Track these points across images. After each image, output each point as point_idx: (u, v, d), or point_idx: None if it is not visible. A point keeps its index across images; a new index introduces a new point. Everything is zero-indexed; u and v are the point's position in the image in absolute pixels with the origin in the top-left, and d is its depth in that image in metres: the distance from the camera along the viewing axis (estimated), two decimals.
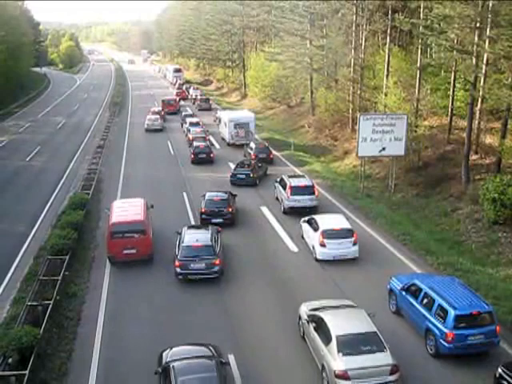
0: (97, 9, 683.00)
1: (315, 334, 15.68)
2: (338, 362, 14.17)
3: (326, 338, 14.94)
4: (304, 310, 17.28)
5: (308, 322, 16.38)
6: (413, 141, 35.45)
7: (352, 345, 14.48)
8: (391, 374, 14.14)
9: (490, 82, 30.38)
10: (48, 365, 16.19)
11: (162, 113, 63.27)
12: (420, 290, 17.45)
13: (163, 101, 69.95)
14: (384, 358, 14.25)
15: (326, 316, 15.71)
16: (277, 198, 31.40)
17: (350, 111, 47.82)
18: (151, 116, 58.75)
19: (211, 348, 14.83)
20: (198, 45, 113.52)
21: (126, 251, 22.96)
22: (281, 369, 15.93)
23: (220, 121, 52.83)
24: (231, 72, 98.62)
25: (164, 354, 14.68)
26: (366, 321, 15.45)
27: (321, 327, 15.52)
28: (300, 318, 17.39)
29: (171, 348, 14.90)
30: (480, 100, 31.81)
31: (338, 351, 14.31)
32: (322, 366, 14.91)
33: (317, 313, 16.26)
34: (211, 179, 36.87)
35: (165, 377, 13.55)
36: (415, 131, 35.45)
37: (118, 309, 19.65)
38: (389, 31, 42.55)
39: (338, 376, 13.96)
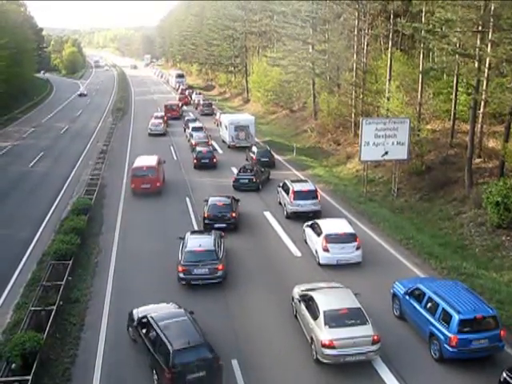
0: (99, 15, 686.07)
1: (306, 311, 17.40)
2: (324, 333, 15.88)
3: (315, 313, 16.71)
4: (296, 291, 19.04)
5: (300, 301, 18.15)
6: (415, 145, 35.40)
7: (337, 318, 16.22)
8: (373, 343, 15.78)
9: (492, 85, 30.36)
10: (51, 370, 16.19)
11: (165, 118, 63.47)
12: (424, 294, 17.41)
13: (166, 106, 70.15)
14: (366, 330, 15.92)
15: (315, 295, 17.55)
16: (280, 203, 31.38)
17: (353, 115, 47.81)
18: (154, 121, 59.02)
19: (175, 304, 17.77)
20: (200, 50, 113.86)
21: (142, 186, 33.89)
22: (285, 370, 15.93)
23: (220, 124, 53.23)
24: (234, 77, 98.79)
25: (134, 312, 17.69)
26: (352, 298, 17.29)
27: (311, 305, 17.30)
28: (293, 298, 19.08)
29: (137, 308, 17.89)
30: (483, 104, 31.77)
31: (325, 324, 16.07)
32: (311, 338, 16.55)
33: (308, 292, 18.09)
34: (214, 184, 36.90)
35: (142, 327, 16.41)
36: (418, 135, 35.41)
37: (121, 314, 19.59)
38: (391, 35, 42.60)
39: (324, 346, 15.68)
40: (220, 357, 15.07)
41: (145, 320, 16.53)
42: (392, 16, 41.74)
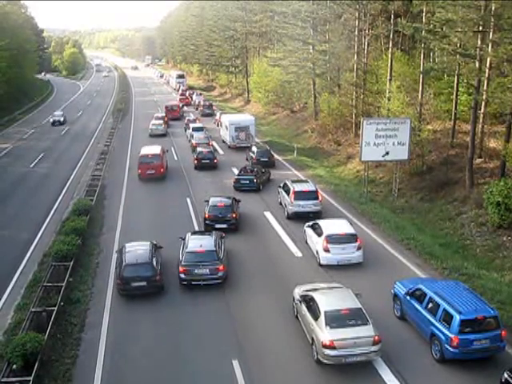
0: (100, 15, 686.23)
1: (306, 312, 17.40)
2: (325, 334, 15.88)
3: (316, 314, 16.70)
4: (297, 291, 19.04)
5: (300, 302, 18.14)
6: (416, 145, 35.37)
7: (338, 319, 16.22)
8: (374, 344, 15.77)
9: (493, 85, 30.31)
10: (52, 371, 16.20)
11: (166, 118, 63.51)
12: (425, 294, 17.39)
13: (166, 107, 70.20)
14: (367, 331, 15.90)
15: (316, 295, 17.53)
16: (280, 203, 31.36)
17: (353, 116, 47.81)
18: (155, 121, 59.04)
19: (151, 241, 22.69)
20: (200, 51, 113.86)
21: (148, 172, 37.53)
22: (285, 371, 15.93)
23: (221, 124, 53.38)
24: (234, 78, 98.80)
25: (122, 247, 22.60)
26: (352, 299, 17.28)
27: (311, 305, 17.28)
28: (294, 299, 19.04)
29: (125, 244, 22.81)
30: (483, 104, 31.77)
31: (326, 324, 16.05)
32: (312, 339, 16.55)
33: (308, 293, 18.08)
34: (215, 184, 36.91)
35: (120, 254, 21.82)
36: (418, 135, 35.38)
37: (122, 315, 19.63)
38: (391, 36, 42.59)
39: (325, 346, 15.67)
40: (161, 274, 20.71)
41: (121, 249, 22.06)
42: (393, 16, 41.75)
